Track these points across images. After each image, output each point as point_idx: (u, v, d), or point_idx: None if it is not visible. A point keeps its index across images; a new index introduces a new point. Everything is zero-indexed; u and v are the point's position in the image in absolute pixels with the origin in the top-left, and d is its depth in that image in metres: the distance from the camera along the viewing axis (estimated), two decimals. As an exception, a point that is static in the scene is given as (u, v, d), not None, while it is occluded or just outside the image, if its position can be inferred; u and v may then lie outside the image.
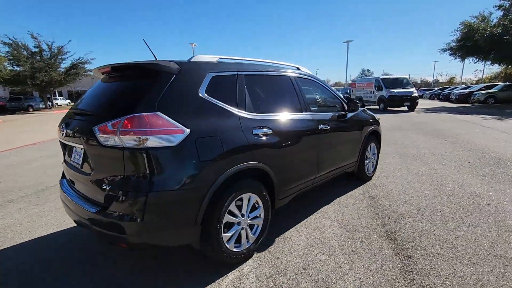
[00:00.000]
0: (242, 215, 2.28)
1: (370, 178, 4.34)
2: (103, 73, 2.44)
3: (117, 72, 2.24)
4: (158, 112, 1.83)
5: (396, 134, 8.49)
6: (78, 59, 30.47)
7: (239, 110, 2.30)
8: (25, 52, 27.15)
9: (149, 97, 1.88)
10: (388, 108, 17.10)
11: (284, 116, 2.69)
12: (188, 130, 1.89)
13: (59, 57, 29.48)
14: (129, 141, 1.74)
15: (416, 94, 16.43)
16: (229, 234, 2.18)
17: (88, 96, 2.39)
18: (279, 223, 2.98)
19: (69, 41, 36.28)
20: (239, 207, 2.27)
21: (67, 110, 2.50)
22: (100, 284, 2.08)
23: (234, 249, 2.24)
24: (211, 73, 2.24)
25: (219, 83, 2.26)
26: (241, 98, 2.37)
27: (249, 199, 2.32)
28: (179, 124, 1.88)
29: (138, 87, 2.00)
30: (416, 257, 2.32)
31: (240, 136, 2.20)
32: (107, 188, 1.85)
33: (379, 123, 4.46)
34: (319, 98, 3.56)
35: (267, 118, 2.50)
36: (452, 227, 2.79)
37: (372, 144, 4.31)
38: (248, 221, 2.34)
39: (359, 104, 3.72)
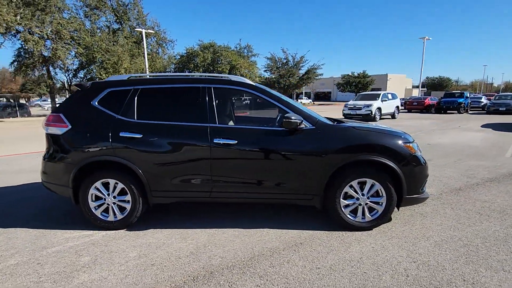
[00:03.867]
0: (108, 195, 3.04)
1: (362, 229, 2.96)
2: None
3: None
4: (60, 114, 3.08)
5: None
6: (312, 66, 36.15)
7: (120, 116, 3.01)
8: (279, 64, 36.30)
9: (63, 104, 3.18)
10: None
11: (164, 124, 2.97)
12: (70, 126, 3.00)
13: (300, 64, 36.55)
14: (46, 128, 3.15)
15: None
16: (95, 204, 3.05)
17: None
18: (181, 222, 3.24)
19: (308, 51, 43.74)
20: (107, 188, 3.04)
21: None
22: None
23: (101, 217, 3.07)
24: (110, 88, 3.12)
25: (112, 95, 3.09)
26: (127, 107, 3.04)
27: (115, 184, 3.02)
28: (67, 122, 3.03)
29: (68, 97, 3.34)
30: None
31: (106, 135, 2.95)
32: None
33: (401, 154, 2.84)
34: (245, 112, 3.10)
35: (143, 124, 2.97)
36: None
37: (372, 182, 2.88)
38: (115, 201, 3.04)
39: (295, 120, 2.76)
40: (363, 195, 2.93)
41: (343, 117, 16.40)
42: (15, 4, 14.40)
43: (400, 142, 2.92)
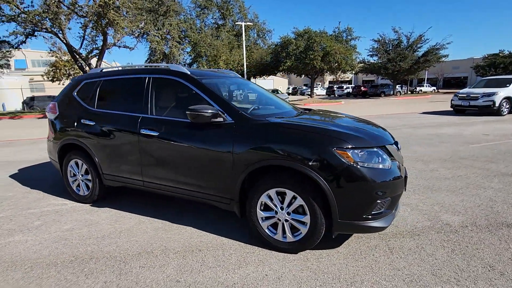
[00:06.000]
0: (78, 172, 3.53)
1: (283, 250, 2.39)
2: None
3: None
4: (55, 102, 3.75)
5: None
6: (434, 45, 29.76)
7: (87, 105, 3.42)
8: (389, 46, 31.60)
9: (59, 94, 3.83)
10: None
11: (109, 113, 3.18)
12: (58, 113, 3.63)
13: (418, 45, 30.73)
14: (47, 114, 3.88)
15: None
16: (71, 179, 3.61)
17: None
18: (134, 207, 3.45)
19: (429, 28, 35.88)
20: (78, 167, 3.54)
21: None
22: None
23: (75, 190, 3.62)
24: (85, 80, 3.55)
25: (86, 87, 3.52)
26: (93, 97, 3.41)
27: (82, 164, 3.47)
28: (58, 109, 3.66)
29: None
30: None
31: (73, 121, 3.42)
32: None
33: (327, 162, 2.10)
34: (176, 102, 2.88)
35: (97, 113, 3.28)
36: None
37: (292, 195, 2.25)
38: (82, 179, 3.51)
39: (198, 113, 2.37)
40: (282, 208, 2.34)
41: (452, 109, 13.01)
42: (139, 12, 17.93)
43: (328, 145, 2.14)
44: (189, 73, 2.90)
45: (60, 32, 16.59)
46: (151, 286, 2.04)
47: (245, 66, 25.06)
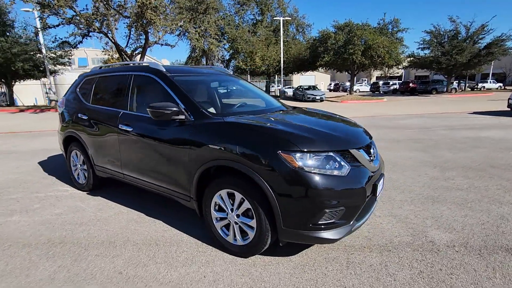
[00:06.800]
0: (77, 162, 3.84)
1: (233, 253, 2.33)
2: None
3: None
4: (64, 97, 4.10)
5: None
6: (499, 36, 26.13)
7: (84, 100, 3.68)
8: (444, 38, 28.51)
9: (68, 90, 4.18)
10: None
11: (99, 108, 3.38)
12: (64, 107, 3.97)
13: (479, 36, 27.28)
14: (57, 109, 4.26)
15: None
16: (73, 168, 3.94)
17: None
18: (122, 197, 3.64)
19: (493, 16, 31.48)
20: (77, 157, 3.84)
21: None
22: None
23: (76, 179, 3.94)
24: (86, 77, 3.82)
25: (86, 83, 3.79)
26: (89, 93, 3.66)
27: (80, 156, 3.77)
28: (64, 103, 4.01)
29: None
30: None
31: (73, 115, 3.71)
32: None
33: (268, 165, 1.98)
34: (149, 99, 2.91)
35: (90, 108, 3.52)
36: None
37: (241, 197, 2.17)
38: (81, 169, 3.81)
39: (159, 110, 2.39)
40: (232, 210, 2.27)
41: (509, 109, 11.34)
42: (180, 11, 18.72)
43: (272, 147, 2.00)
44: (163, 70, 2.94)
45: (110, 32, 18.11)
46: (95, 274, 2.14)
47: (281, 62, 24.75)
